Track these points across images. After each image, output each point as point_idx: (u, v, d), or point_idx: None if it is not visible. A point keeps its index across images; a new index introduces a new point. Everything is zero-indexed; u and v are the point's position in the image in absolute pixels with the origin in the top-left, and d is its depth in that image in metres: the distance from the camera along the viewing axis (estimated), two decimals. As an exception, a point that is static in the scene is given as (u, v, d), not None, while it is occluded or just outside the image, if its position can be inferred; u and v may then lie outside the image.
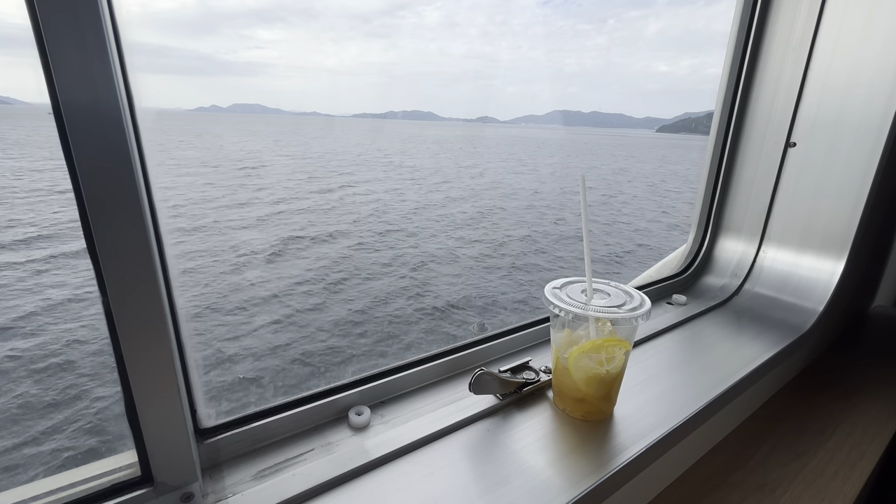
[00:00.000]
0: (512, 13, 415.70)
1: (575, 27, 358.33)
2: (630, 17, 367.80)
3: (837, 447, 0.73)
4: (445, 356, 0.62)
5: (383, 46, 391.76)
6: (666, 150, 54.05)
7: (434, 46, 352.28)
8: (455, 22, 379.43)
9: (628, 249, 9.42)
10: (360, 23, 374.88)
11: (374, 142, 43.46)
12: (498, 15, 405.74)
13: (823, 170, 0.84)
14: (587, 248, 0.54)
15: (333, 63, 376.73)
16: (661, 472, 0.63)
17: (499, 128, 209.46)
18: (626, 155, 40.25)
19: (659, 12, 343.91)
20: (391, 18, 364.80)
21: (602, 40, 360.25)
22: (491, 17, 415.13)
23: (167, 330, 0.35)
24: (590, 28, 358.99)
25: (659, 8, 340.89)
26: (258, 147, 30.42)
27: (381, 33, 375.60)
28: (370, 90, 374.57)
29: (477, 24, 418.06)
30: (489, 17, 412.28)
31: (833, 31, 0.80)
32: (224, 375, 4.25)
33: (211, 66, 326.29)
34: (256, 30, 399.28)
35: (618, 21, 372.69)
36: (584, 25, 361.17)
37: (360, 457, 0.47)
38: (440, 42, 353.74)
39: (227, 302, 5.84)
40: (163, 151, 23.02)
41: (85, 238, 0.31)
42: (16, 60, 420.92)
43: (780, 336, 0.79)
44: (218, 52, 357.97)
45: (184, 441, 0.39)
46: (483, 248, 8.61)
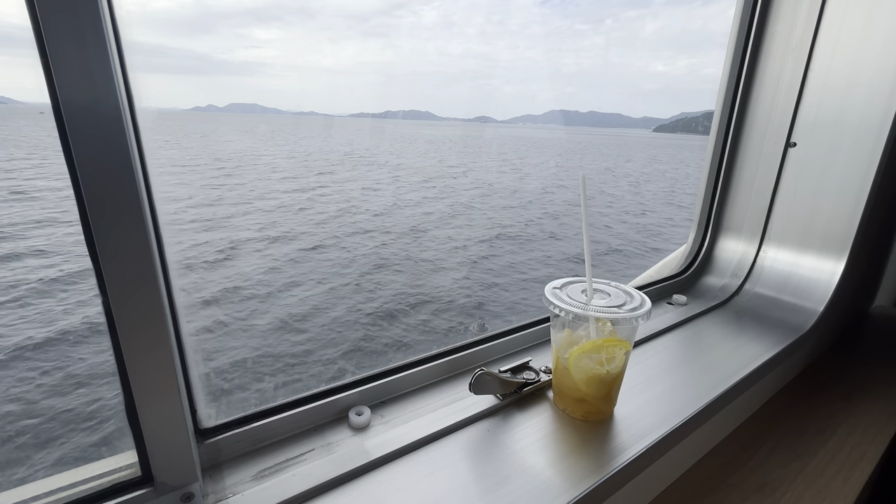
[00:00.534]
0: (509, 13, 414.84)
1: (573, 27, 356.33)
2: (627, 16, 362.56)
3: (838, 447, 0.73)
4: (445, 356, 0.62)
5: (381, 46, 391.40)
6: (658, 150, 53.70)
7: (432, 46, 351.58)
8: (453, 21, 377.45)
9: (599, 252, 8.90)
10: (358, 22, 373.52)
11: (365, 141, 42.75)
12: (495, 14, 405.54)
13: (824, 170, 0.84)
14: (587, 247, 0.54)
15: (331, 62, 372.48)
16: (661, 472, 0.63)
17: (497, 128, 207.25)
18: (617, 154, 39.97)
19: (656, 12, 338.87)
20: (388, 18, 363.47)
21: (599, 40, 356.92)
22: (488, 16, 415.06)
23: (167, 330, 0.35)
24: (587, 28, 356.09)
25: (656, 8, 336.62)
26: (243, 147, 29.70)
27: (378, 33, 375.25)
28: (368, 90, 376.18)
29: (474, 24, 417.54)
30: (487, 16, 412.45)
31: (833, 30, 0.80)
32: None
33: (207, 66, 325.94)
34: (253, 29, 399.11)
35: (615, 21, 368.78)
36: (581, 25, 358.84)
37: (360, 457, 0.47)
38: (438, 42, 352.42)
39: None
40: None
41: (85, 238, 0.31)
42: (10, 60, 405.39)
43: (781, 336, 0.79)
44: (215, 52, 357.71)
45: (184, 441, 0.39)
46: (438, 254, 8.01)
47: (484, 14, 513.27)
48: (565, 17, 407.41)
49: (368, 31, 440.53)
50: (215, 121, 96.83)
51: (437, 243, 8.64)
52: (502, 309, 5.95)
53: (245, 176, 16.35)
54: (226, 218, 9.95)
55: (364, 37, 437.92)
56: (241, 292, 5.94)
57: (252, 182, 15.22)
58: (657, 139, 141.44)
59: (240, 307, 5.52)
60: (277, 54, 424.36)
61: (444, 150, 35.97)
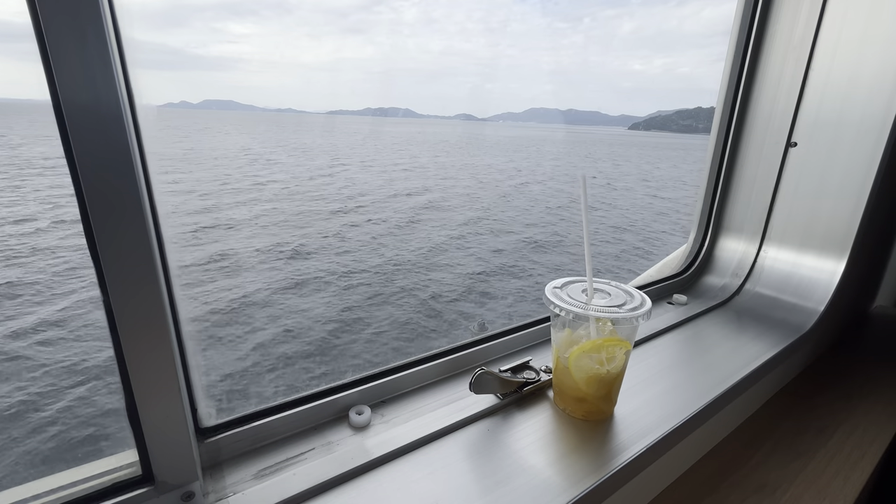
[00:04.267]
0: (489, 10, 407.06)
1: (552, 25, 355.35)
2: (605, 15, 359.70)
3: (838, 447, 0.73)
4: (446, 356, 0.62)
5: (361, 42, 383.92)
6: (625, 148, 52.31)
7: (412, 43, 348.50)
8: (433, 18, 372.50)
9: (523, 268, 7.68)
10: (336, 18, 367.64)
11: (323, 139, 40.31)
12: (476, 12, 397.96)
13: (824, 170, 0.84)
14: (588, 247, 0.54)
15: (309, 59, 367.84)
16: (661, 471, 0.63)
17: (478, 126, 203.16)
18: (584, 153, 38.80)
19: (633, 11, 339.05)
20: (368, 14, 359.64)
21: (578, 39, 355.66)
22: (469, 13, 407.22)
23: (168, 329, 0.35)
24: (566, 26, 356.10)
25: (633, 7, 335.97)
26: (188, 146, 27.79)
27: (358, 29, 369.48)
28: (347, 86, 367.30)
29: (455, 21, 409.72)
30: (467, 13, 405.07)
31: (834, 30, 0.80)
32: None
33: (181, 61, 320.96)
34: (228, 23, 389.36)
35: (593, 20, 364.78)
36: (560, 24, 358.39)
37: (360, 456, 0.47)
38: (418, 38, 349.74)
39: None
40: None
41: (86, 237, 0.31)
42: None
43: (781, 336, 0.79)
44: (188, 46, 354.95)
45: (184, 440, 0.39)
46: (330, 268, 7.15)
47: (464, 11, 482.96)
48: (545, 14, 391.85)
49: (348, 27, 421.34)
50: (178, 119, 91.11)
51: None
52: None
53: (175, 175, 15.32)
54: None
55: (343, 33, 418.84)
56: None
57: (175, 183, 14.03)
58: (629, 137, 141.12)
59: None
60: (254, 50, 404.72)
61: (390, 147, 34.24)
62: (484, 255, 8.34)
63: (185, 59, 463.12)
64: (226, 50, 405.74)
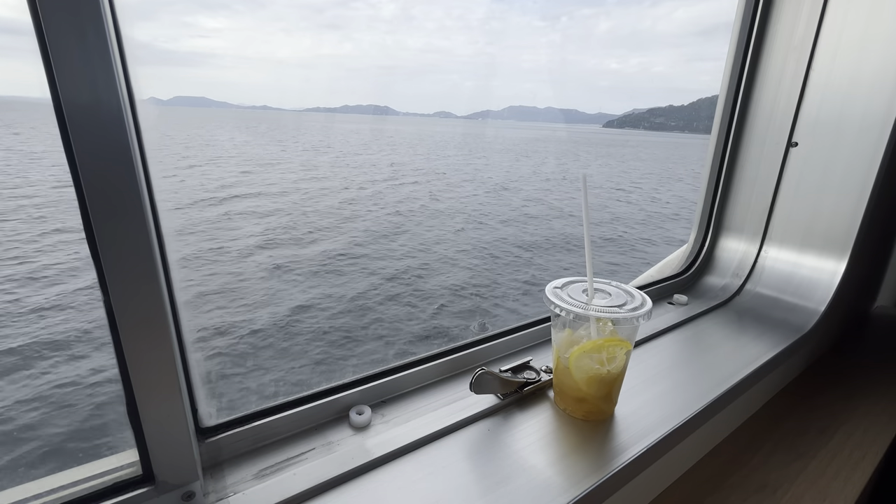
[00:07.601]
0: (468, 8, 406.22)
1: (531, 24, 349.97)
2: (582, 14, 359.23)
3: (839, 448, 0.73)
4: (446, 356, 0.62)
5: (338, 39, 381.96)
6: (593, 146, 51.44)
7: (391, 40, 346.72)
8: (412, 15, 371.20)
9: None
10: (312, 13, 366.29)
11: (294, 138, 38.42)
12: (455, 9, 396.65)
13: (825, 170, 0.84)
14: (588, 247, 0.54)
15: (285, 54, 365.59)
16: (661, 472, 0.63)
17: (456, 124, 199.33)
18: (550, 152, 37.66)
19: (609, 11, 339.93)
20: (345, 10, 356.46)
21: (556, 37, 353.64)
22: (448, 10, 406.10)
23: (168, 328, 0.35)
24: (545, 25, 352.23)
25: (609, 7, 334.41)
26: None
27: (335, 25, 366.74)
28: (324, 84, 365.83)
29: (434, 18, 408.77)
30: (446, 10, 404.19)
31: (835, 30, 0.80)
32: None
33: (150, 56, 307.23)
34: (199, 17, 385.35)
35: (570, 19, 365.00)
36: (539, 22, 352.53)
37: (360, 456, 0.47)
38: (397, 35, 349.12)
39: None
40: (7, 150, 18.45)
41: (86, 236, 0.31)
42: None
43: (782, 336, 0.78)
44: (157, 41, 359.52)
45: (185, 440, 0.38)
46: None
47: (443, 8, 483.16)
48: (524, 13, 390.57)
49: (324, 22, 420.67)
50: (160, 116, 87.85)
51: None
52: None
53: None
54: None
55: (320, 28, 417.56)
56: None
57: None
58: (601, 135, 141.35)
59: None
60: (227, 45, 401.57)
61: (353, 143, 32.85)
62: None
63: (154, 54, 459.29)
64: (197, 44, 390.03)
